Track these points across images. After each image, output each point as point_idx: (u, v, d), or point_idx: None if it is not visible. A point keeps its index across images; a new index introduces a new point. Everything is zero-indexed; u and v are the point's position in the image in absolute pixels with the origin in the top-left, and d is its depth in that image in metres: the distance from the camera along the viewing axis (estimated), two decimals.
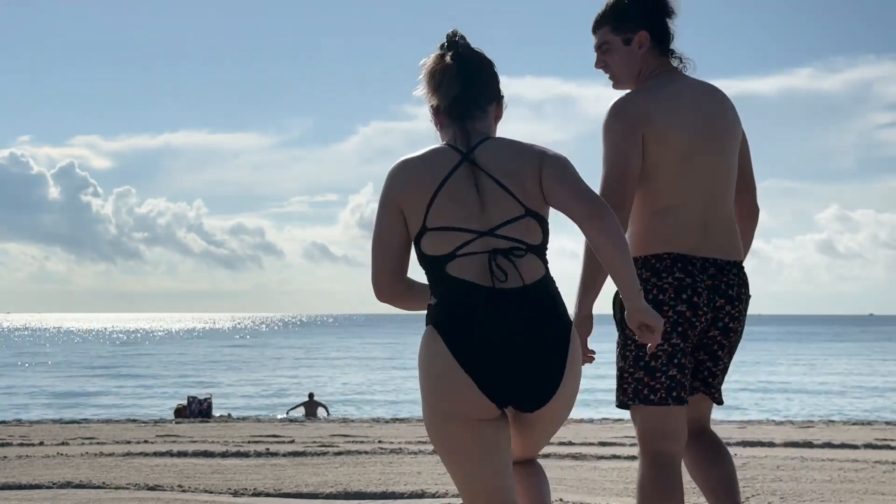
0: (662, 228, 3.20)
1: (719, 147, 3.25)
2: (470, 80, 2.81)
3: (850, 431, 10.92)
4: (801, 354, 53.28)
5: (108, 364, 44.25)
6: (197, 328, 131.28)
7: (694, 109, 3.23)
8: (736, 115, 3.34)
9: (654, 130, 3.16)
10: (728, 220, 3.29)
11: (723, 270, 3.25)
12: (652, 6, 3.28)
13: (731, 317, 3.26)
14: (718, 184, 3.25)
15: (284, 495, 6.17)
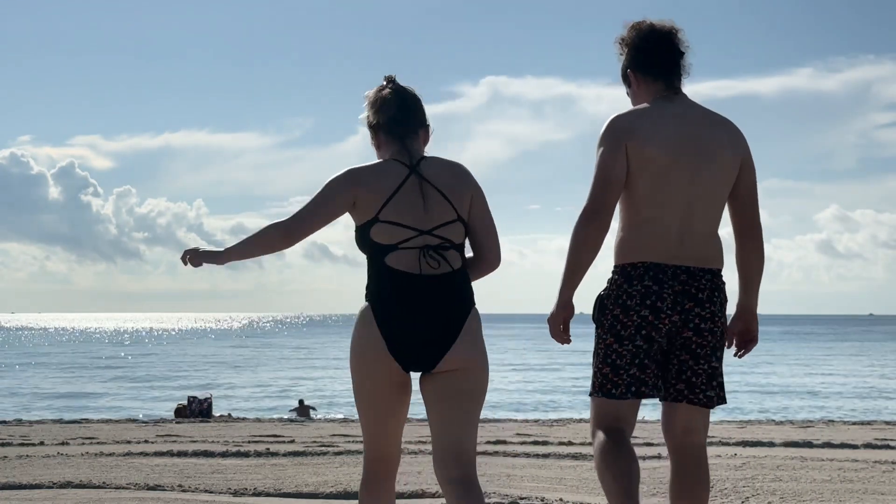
0: (640, 239, 3.58)
1: (700, 167, 3.57)
2: (403, 106, 3.51)
3: (849, 431, 10.92)
4: (800, 354, 53.26)
5: (108, 364, 44.25)
6: (197, 328, 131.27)
7: (678, 130, 3.59)
8: (738, 144, 3.67)
9: (636, 145, 3.54)
10: (706, 233, 3.62)
11: (694, 277, 3.57)
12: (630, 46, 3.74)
13: (702, 318, 3.56)
14: (697, 200, 3.58)
15: (284, 495, 6.18)
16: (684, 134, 3.59)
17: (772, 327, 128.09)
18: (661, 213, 3.57)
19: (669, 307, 3.53)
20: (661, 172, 3.55)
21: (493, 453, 8.16)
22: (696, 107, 3.72)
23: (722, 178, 3.62)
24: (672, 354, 3.60)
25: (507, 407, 23.52)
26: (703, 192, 3.59)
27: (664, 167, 3.55)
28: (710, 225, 3.63)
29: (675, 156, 3.56)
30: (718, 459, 7.66)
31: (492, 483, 6.55)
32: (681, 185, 3.57)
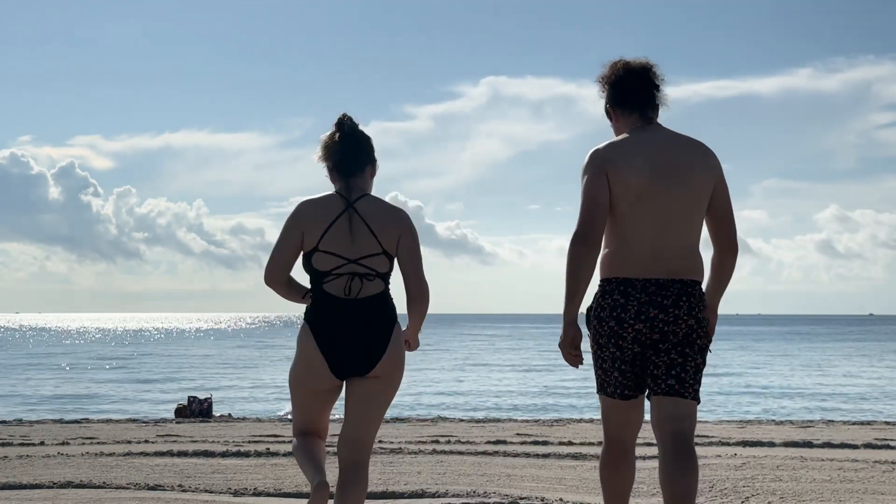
0: (618, 256, 3.99)
1: (673, 188, 3.96)
2: (349, 150, 4.08)
3: (849, 431, 10.92)
4: (800, 354, 53.27)
5: (108, 364, 44.26)
6: (197, 328, 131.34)
7: (651, 157, 3.98)
8: (708, 165, 4.03)
9: (615, 172, 3.95)
10: (683, 248, 4.00)
11: (663, 287, 3.95)
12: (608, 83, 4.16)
13: (665, 322, 3.94)
14: (672, 218, 3.96)
15: (284, 495, 6.18)
16: (657, 159, 3.97)
17: (772, 327, 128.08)
18: (639, 232, 3.96)
19: (632, 317, 3.93)
20: (637, 195, 3.94)
21: (493, 453, 8.16)
22: (668, 133, 4.08)
23: (695, 198, 4.00)
24: (648, 356, 3.99)
25: (508, 407, 23.53)
26: (678, 210, 3.97)
27: (640, 190, 3.94)
28: (686, 240, 4.01)
29: (649, 180, 3.94)
30: (718, 459, 7.66)
31: (492, 483, 6.56)
32: (656, 205, 3.95)
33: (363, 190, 4.08)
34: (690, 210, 3.99)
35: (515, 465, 7.53)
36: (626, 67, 4.16)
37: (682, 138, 4.09)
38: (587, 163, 4.01)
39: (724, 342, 72.56)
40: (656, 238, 3.96)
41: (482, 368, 37.99)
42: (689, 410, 3.96)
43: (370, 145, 4.16)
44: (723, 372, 37.63)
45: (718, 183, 4.06)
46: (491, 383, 30.94)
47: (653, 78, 4.15)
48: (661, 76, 4.17)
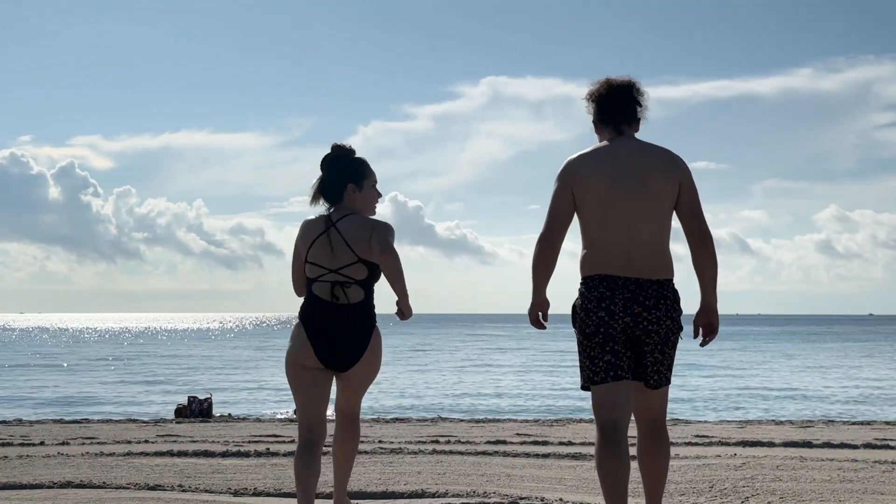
0: (593, 257, 4.40)
1: (640, 194, 4.35)
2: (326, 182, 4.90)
3: (849, 431, 10.92)
4: (800, 354, 53.29)
5: (108, 364, 44.26)
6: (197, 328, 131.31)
7: (615, 165, 4.38)
8: (670, 169, 4.41)
9: (580, 182, 4.38)
10: (651, 248, 4.38)
11: (642, 287, 4.34)
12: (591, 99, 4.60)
13: (649, 321, 4.33)
14: (637, 219, 4.35)
15: (284, 495, 6.19)
16: (620, 167, 4.39)
17: (771, 327, 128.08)
18: (608, 233, 4.37)
19: (621, 310, 4.32)
20: (603, 200, 4.36)
21: (492, 453, 8.16)
22: (635, 143, 4.49)
23: (657, 201, 4.38)
24: (630, 349, 4.38)
25: (508, 407, 23.53)
26: (643, 212, 4.36)
27: (605, 196, 4.35)
28: (654, 238, 4.39)
29: (613, 186, 4.35)
30: (718, 459, 7.66)
31: (492, 483, 6.56)
32: (621, 209, 4.35)
33: (348, 210, 4.89)
34: (654, 212, 4.38)
35: (515, 465, 7.53)
36: (608, 84, 4.59)
37: (648, 147, 4.49)
38: (558, 173, 4.48)
39: (723, 342, 72.57)
40: (625, 239, 4.36)
41: (482, 368, 37.99)
42: (664, 397, 4.53)
43: (346, 171, 4.91)
44: (723, 372, 37.64)
45: (684, 185, 4.44)
46: (491, 383, 30.94)
47: (634, 94, 4.57)
48: (643, 93, 4.59)
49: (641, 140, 4.53)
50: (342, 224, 4.82)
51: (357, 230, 4.79)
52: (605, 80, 4.62)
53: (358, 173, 4.92)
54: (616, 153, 4.44)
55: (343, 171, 4.91)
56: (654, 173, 4.40)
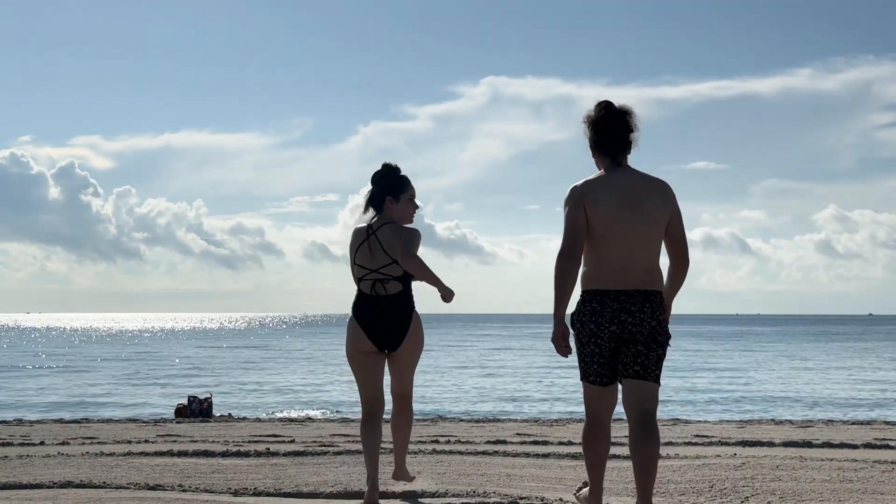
0: (594, 272, 5.02)
1: (638, 219, 4.97)
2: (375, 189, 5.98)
3: (849, 431, 10.93)
4: (800, 354, 53.30)
5: (107, 364, 44.26)
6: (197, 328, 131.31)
7: (619, 195, 4.99)
8: (664, 199, 5.04)
9: (590, 205, 4.98)
10: (646, 266, 5.00)
11: (631, 297, 4.96)
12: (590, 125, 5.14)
13: (633, 324, 4.95)
14: (637, 242, 4.98)
15: (284, 495, 6.19)
16: (624, 197, 4.99)
17: (771, 327, 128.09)
18: (610, 253, 4.98)
19: (608, 321, 4.96)
20: (608, 225, 4.96)
21: (492, 453, 8.16)
22: (633, 174, 5.09)
23: (654, 226, 5.01)
24: (620, 350, 5.01)
25: (508, 407, 23.54)
26: (641, 237, 4.98)
27: (610, 221, 4.96)
28: (649, 259, 5.03)
29: (617, 213, 4.96)
30: (718, 459, 7.67)
31: (492, 483, 6.56)
32: (623, 233, 4.97)
33: (387, 219, 5.90)
34: (650, 236, 5.02)
35: (515, 465, 7.53)
36: (609, 110, 5.14)
37: (645, 177, 5.10)
38: (568, 196, 5.06)
39: (724, 342, 72.57)
40: (624, 258, 4.98)
41: (482, 368, 38.00)
42: (652, 392, 5.01)
43: (387, 186, 5.94)
44: (723, 372, 37.64)
45: (673, 213, 5.08)
46: (490, 383, 30.93)
47: (629, 122, 5.14)
48: (637, 122, 5.15)
49: (637, 170, 5.15)
50: (380, 232, 5.84)
51: (391, 237, 5.81)
52: (605, 103, 5.17)
53: (396, 188, 5.92)
54: (619, 182, 5.05)
55: (384, 186, 5.93)
56: (652, 202, 5.03)
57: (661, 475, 6.81)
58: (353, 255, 5.89)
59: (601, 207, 4.97)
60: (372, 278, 5.83)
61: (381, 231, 5.84)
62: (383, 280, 5.82)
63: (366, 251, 5.84)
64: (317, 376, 35.45)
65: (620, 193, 4.99)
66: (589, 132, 5.18)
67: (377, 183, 5.94)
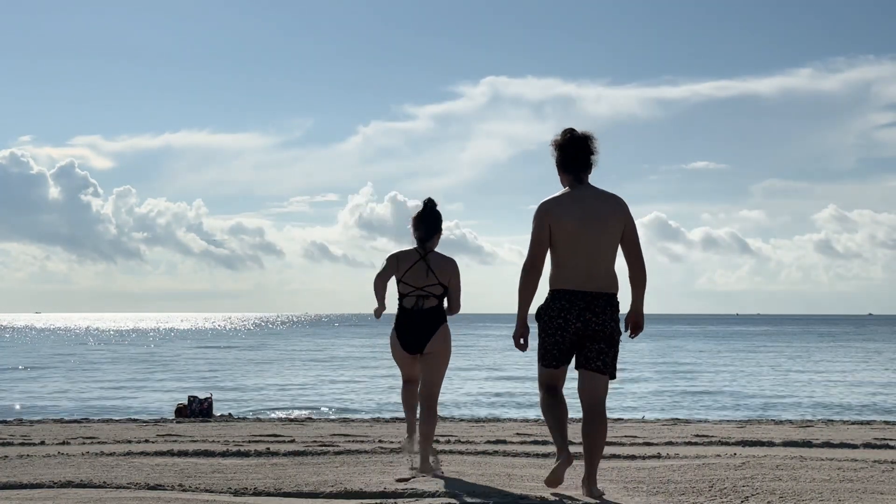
0: (561, 275, 5.91)
1: (597, 230, 5.85)
2: (428, 227, 7.12)
3: (848, 431, 10.93)
4: (800, 354, 53.30)
5: (108, 364, 44.26)
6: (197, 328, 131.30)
7: (580, 209, 5.87)
8: (621, 212, 5.90)
9: (554, 220, 5.87)
10: (605, 271, 5.89)
11: (595, 298, 5.87)
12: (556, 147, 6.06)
13: (596, 324, 5.86)
14: (596, 250, 5.86)
15: (284, 494, 6.19)
16: (584, 211, 5.87)
17: (771, 327, 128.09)
18: (574, 259, 5.87)
19: (574, 318, 5.87)
20: (571, 236, 5.85)
21: (492, 453, 8.16)
22: (593, 191, 5.96)
23: (611, 236, 5.88)
24: (582, 344, 5.92)
25: (508, 407, 23.54)
26: (600, 245, 5.86)
27: (573, 233, 5.84)
28: (607, 265, 5.90)
29: (578, 225, 5.84)
30: (718, 459, 7.67)
31: (492, 483, 6.56)
32: (585, 243, 5.84)
33: (432, 248, 7.12)
34: (608, 244, 5.88)
35: (515, 464, 7.54)
36: (571, 136, 6.01)
37: (602, 193, 5.96)
38: (535, 214, 5.94)
39: (723, 342, 72.55)
40: (587, 264, 5.85)
41: (482, 368, 38.00)
42: (605, 383, 5.95)
43: (438, 220, 7.17)
44: (723, 372, 37.64)
45: (627, 224, 5.93)
46: (491, 383, 30.93)
47: (589, 145, 5.99)
48: (597, 146, 6.02)
49: (596, 187, 6.01)
50: (429, 258, 7.06)
51: (442, 265, 7.07)
52: (569, 130, 6.03)
53: (441, 223, 7.20)
54: (581, 199, 5.92)
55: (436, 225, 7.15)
56: (609, 215, 5.88)
57: (660, 475, 6.82)
58: (400, 274, 7.02)
59: (564, 221, 5.84)
60: (416, 294, 7.01)
61: (429, 257, 7.07)
62: (425, 296, 7.00)
63: (417, 271, 7.00)
64: (317, 376, 35.46)
65: (582, 208, 5.88)
66: (556, 154, 6.05)
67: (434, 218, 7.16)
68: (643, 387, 29.99)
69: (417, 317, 6.98)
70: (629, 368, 38.53)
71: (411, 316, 7.00)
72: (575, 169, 5.98)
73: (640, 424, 12.08)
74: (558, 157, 6.03)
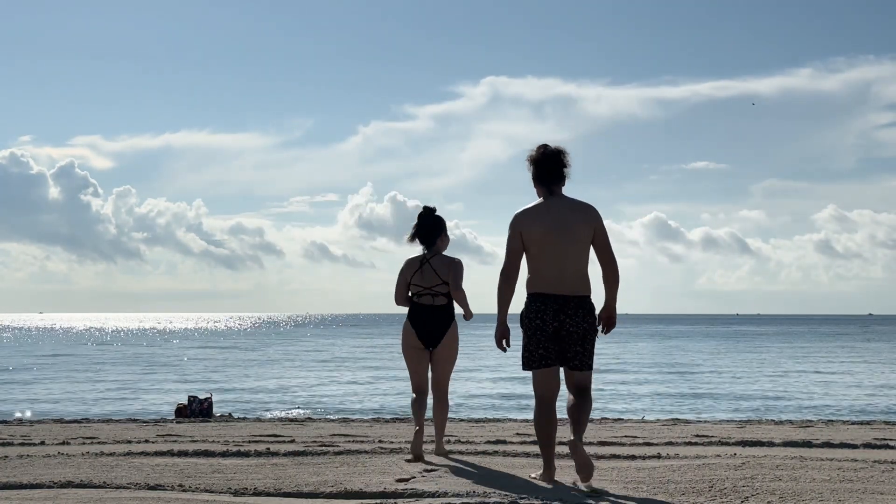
0: (536, 280, 6.43)
1: (567, 238, 6.36)
2: (426, 236, 7.92)
3: (848, 431, 10.93)
4: (800, 354, 53.29)
5: (108, 364, 44.26)
6: (197, 328, 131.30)
7: (551, 218, 6.39)
8: (591, 219, 6.42)
9: (525, 230, 6.42)
10: (576, 274, 6.39)
11: (568, 301, 6.38)
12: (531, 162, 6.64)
13: (571, 324, 6.38)
14: (567, 257, 6.37)
15: (284, 495, 6.19)
16: (554, 220, 6.39)
17: (771, 327, 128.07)
18: (546, 265, 6.39)
19: (551, 318, 6.37)
20: (542, 245, 6.37)
21: (492, 453, 8.16)
22: (564, 200, 6.48)
23: (581, 242, 6.38)
24: (563, 345, 6.42)
25: (508, 407, 23.53)
26: (570, 252, 6.36)
27: (543, 240, 6.36)
28: (579, 268, 6.39)
29: (549, 233, 6.35)
30: (718, 459, 7.67)
31: (492, 483, 6.56)
32: (555, 249, 6.36)
33: (437, 251, 7.94)
34: (578, 251, 6.37)
35: (515, 464, 7.54)
36: (544, 151, 6.57)
37: (573, 203, 6.47)
38: (510, 224, 6.48)
39: (723, 342, 72.55)
40: (558, 270, 6.36)
41: (482, 368, 37.99)
42: (588, 375, 6.50)
43: (440, 226, 7.95)
44: (723, 372, 37.63)
45: (597, 229, 6.43)
46: (491, 383, 30.92)
47: (562, 160, 6.54)
48: (569, 160, 6.55)
49: (568, 197, 6.51)
50: (433, 260, 7.89)
51: (443, 266, 7.87)
52: (543, 146, 6.58)
53: (444, 227, 7.99)
54: (550, 209, 6.44)
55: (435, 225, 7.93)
56: (577, 223, 6.39)
57: (660, 475, 6.82)
58: (409, 277, 7.89)
59: (534, 231, 6.36)
60: (426, 293, 7.85)
61: (433, 260, 7.89)
62: (434, 295, 7.83)
63: (421, 275, 7.87)
64: (317, 376, 35.46)
65: (552, 218, 6.40)
66: (531, 168, 6.60)
67: (430, 222, 7.92)
68: (643, 387, 30.00)
69: (428, 312, 7.84)
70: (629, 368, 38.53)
71: (423, 311, 7.85)
72: (548, 182, 6.54)
73: (640, 424, 12.08)
74: (533, 171, 6.58)
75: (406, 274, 7.91)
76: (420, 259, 7.87)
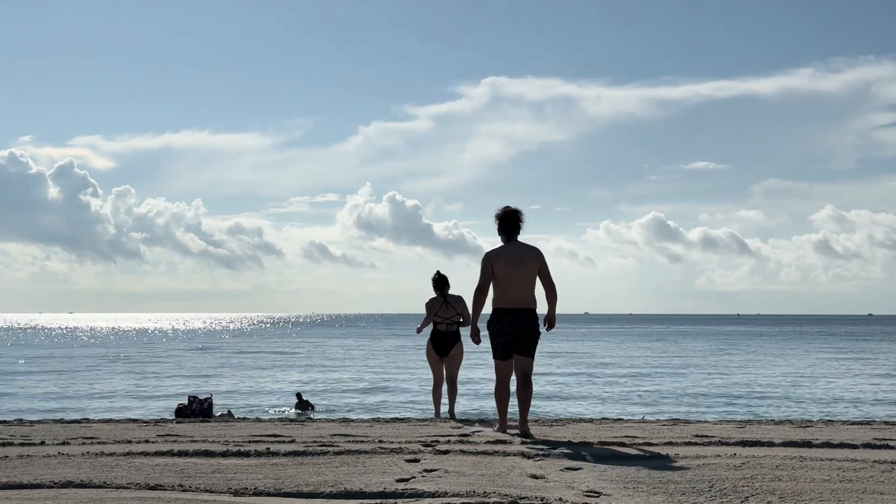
0: (498, 299, 9.62)
1: (520, 270, 9.51)
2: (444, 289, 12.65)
3: (848, 431, 10.92)
4: (799, 354, 53.30)
5: (108, 364, 44.27)
6: (197, 328, 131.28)
7: (510, 257, 9.54)
8: (536, 258, 9.59)
9: (495, 263, 9.57)
10: (526, 295, 9.58)
11: (519, 312, 9.58)
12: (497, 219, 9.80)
13: (519, 327, 9.58)
14: (520, 283, 9.53)
15: (284, 495, 6.19)
16: (512, 258, 9.53)
17: (771, 327, 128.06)
18: (506, 289, 9.53)
19: (507, 325, 9.55)
20: (504, 274, 9.51)
21: (492, 453, 8.16)
22: (519, 245, 9.64)
23: (530, 273, 9.52)
24: (513, 342, 9.60)
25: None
26: (522, 280, 9.51)
27: (506, 272, 9.50)
28: (528, 292, 9.55)
29: (507, 267, 9.50)
30: (718, 459, 7.67)
31: (492, 483, 6.56)
32: (511, 278, 9.50)
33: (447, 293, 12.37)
34: (528, 279, 9.52)
35: (515, 464, 7.53)
36: (505, 212, 9.71)
37: (525, 246, 9.64)
38: (483, 259, 9.64)
39: (723, 342, 72.51)
40: (514, 292, 9.51)
41: (482, 368, 38.02)
42: (530, 362, 9.66)
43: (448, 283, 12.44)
44: (723, 372, 37.63)
45: (541, 265, 9.57)
46: (491, 383, 30.93)
47: (518, 219, 9.71)
48: (523, 217, 9.75)
49: (521, 242, 9.69)
50: (449, 299, 12.36)
51: (456, 303, 12.31)
52: (504, 208, 9.71)
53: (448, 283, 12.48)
54: (511, 250, 9.61)
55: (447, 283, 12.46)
56: (528, 260, 9.53)
57: (661, 475, 6.82)
58: (436, 310, 12.30)
59: (500, 265, 9.49)
60: (445, 322, 12.34)
61: (450, 298, 12.40)
62: (450, 324, 12.32)
63: (443, 308, 12.26)
64: (317, 376, 35.45)
65: (511, 256, 9.54)
66: (497, 222, 9.72)
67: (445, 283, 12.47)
68: (644, 388, 30.00)
69: (444, 336, 12.39)
70: (629, 369, 38.53)
71: (441, 335, 12.40)
72: (508, 232, 9.72)
73: (640, 424, 12.08)
74: (498, 224, 9.74)
75: (434, 307, 12.36)
76: (441, 299, 12.37)
